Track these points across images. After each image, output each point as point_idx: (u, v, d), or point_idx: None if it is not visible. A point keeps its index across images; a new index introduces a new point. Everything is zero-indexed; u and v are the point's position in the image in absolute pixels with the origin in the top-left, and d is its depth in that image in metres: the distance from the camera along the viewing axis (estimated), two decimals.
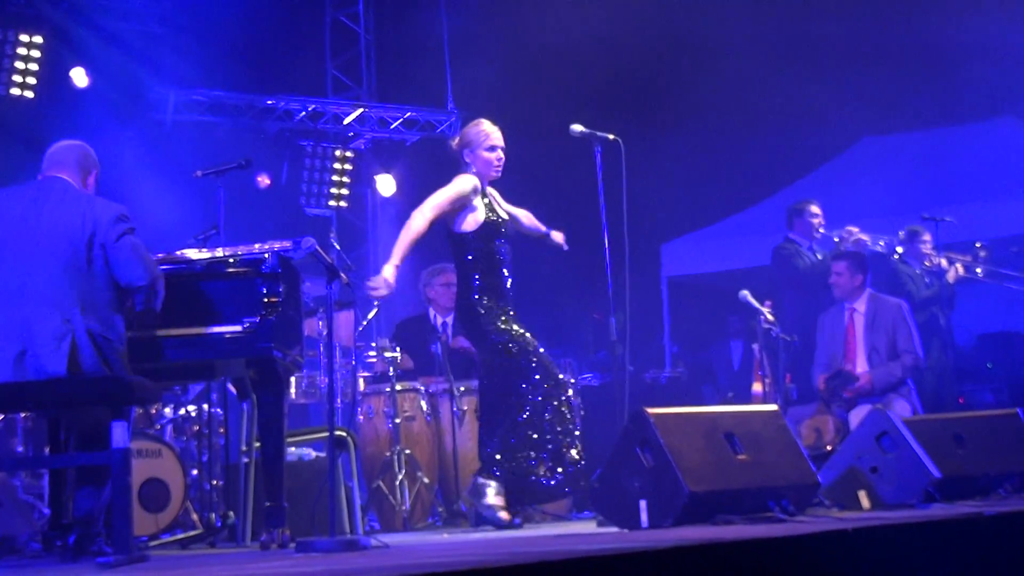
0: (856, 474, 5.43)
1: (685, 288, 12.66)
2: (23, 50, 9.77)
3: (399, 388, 7.25)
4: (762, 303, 8.05)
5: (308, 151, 11.33)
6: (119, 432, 4.26)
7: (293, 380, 7.46)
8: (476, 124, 6.32)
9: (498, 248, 6.17)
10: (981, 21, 10.79)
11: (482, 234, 6.14)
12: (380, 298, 6.07)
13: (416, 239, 6.08)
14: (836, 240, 8.44)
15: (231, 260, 5.01)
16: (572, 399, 6.13)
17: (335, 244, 7.70)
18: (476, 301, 6.10)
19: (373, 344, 7.83)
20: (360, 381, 7.57)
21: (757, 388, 8.16)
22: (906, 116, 12.25)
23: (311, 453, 7.05)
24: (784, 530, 3.89)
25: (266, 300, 4.90)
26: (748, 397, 8.29)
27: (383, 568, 3.29)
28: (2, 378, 4.44)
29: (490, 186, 6.32)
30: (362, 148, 12.06)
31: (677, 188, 12.33)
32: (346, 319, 7.42)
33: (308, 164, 11.29)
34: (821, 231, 8.66)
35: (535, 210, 6.66)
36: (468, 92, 11.78)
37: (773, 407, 5.70)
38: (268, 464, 5.05)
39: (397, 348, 7.29)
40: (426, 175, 10.12)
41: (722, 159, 12.69)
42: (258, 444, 5.20)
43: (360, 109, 11.89)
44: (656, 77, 12.63)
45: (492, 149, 6.26)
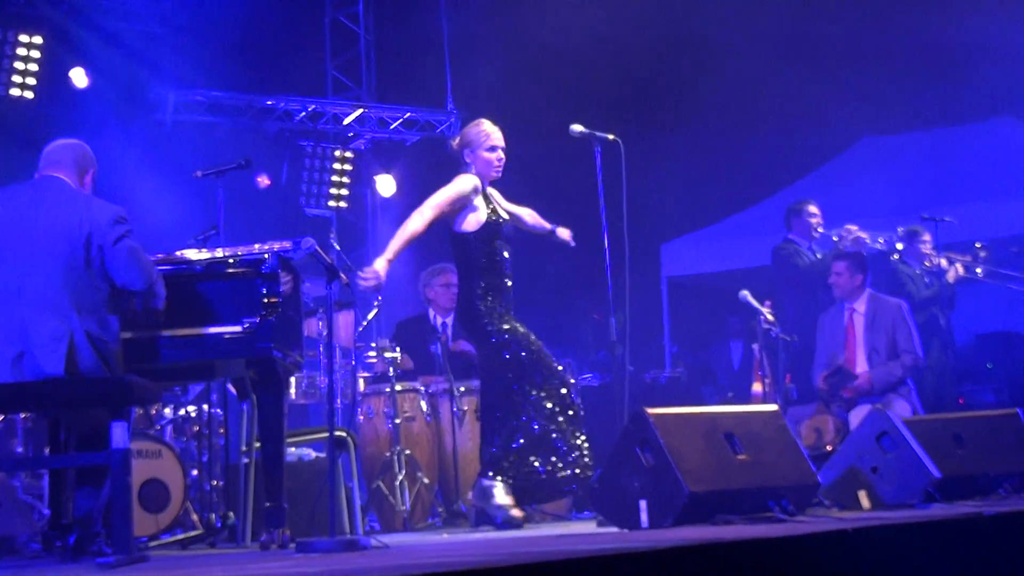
0: (856, 474, 5.43)
1: (685, 288, 12.66)
2: (23, 50, 9.77)
3: (399, 388, 7.25)
4: (762, 303, 8.05)
5: (308, 151, 11.32)
6: (119, 432, 4.26)
7: (293, 380, 7.45)
8: (477, 124, 6.32)
9: (499, 248, 6.17)
10: (981, 21, 10.79)
11: (484, 234, 6.14)
12: (369, 290, 6.06)
13: (412, 238, 6.10)
14: (835, 239, 8.43)
15: (231, 260, 5.01)
16: (574, 397, 6.13)
17: (335, 244, 7.70)
18: (477, 301, 6.10)
19: (373, 344, 7.83)
20: (360, 381, 7.57)
21: (757, 388, 8.15)
22: (906, 116, 12.25)
23: (311, 453, 7.05)
24: (784, 530, 3.89)
25: (266, 300, 4.90)
26: (748, 397, 8.29)
27: (383, 568, 3.29)
28: (0, 379, 4.44)
29: (490, 186, 6.32)
30: (362, 148, 12.05)
31: (677, 188, 12.33)
32: (346, 319, 7.42)
33: (308, 164, 11.28)
34: (820, 231, 8.66)
35: (535, 210, 6.66)
36: (468, 92, 11.78)
37: (773, 407, 5.70)
38: (268, 464, 5.05)
39: (397, 348, 7.29)
40: (426, 175, 10.12)
41: (722, 159, 12.69)
42: (258, 444, 5.20)
43: (360, 109, 11.88)
44: (656, 77, 12.63)
45: (492, 149, 6.26)
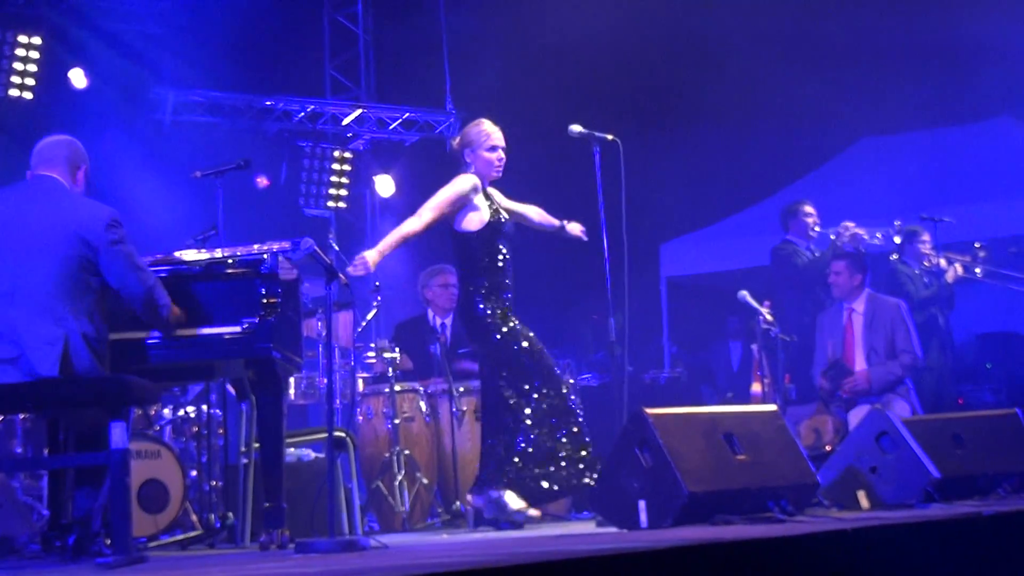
0: (855, 474, 5.43)
1: (684, 288, 12.66)
2: (22, 51, 9.76)
3: (398, 389, 7.24)
4: (761, 303, 8.05)
5: (307, 152, 11.31)
6: (118, 433, 4.26)
7: (292, 381, 7.46)
8: (477, 124, 6.32)
9: (501, 248, 6.17)
10: (981, 21, 10.79)
11: (485, 234, 6.14)
12: (356, 277, 6.06)
13: (407, 237, 6.13)
14: (832, 237, 8.43)
15: (230, 261, 5.00)
16: (574, 398, 6.13)
17: (334, 245, 7.71)
18: (478, 300, 6.09)
19: (372, 345, 7.83)
20: (359, 382, 7.57)
21: (756, 388, 8.15)
22: (905, 116, 12.24)
23: (310, 454, 7.04)
24: (783, 530, 3.89)
25: (265, 301, 4.90)
26: (747, 397, 8.29)
27: (382, 569, 3.29)
28: None
29: (491, 186, 6.32)
30: (361, 149, 12.05)
31: (676, 188, 12.32)
32: (345, 320, 7.42)
33: (307, 165, 11.27)
34: (817, 230, 8.66)
35: None
36: (467, 93, 11.78)
37: (772, 407, 5.70)
38: (267, 465, 5.05)
39: (396, 349, 7.29)
40: (425, 176, 10.12)
41: (721, 159, 12.68)
42: (257, 445, 5.20)
43: (359, 110, 11.88)
44: (655, 77, 12.62)
45: (493, 149, 6.25)
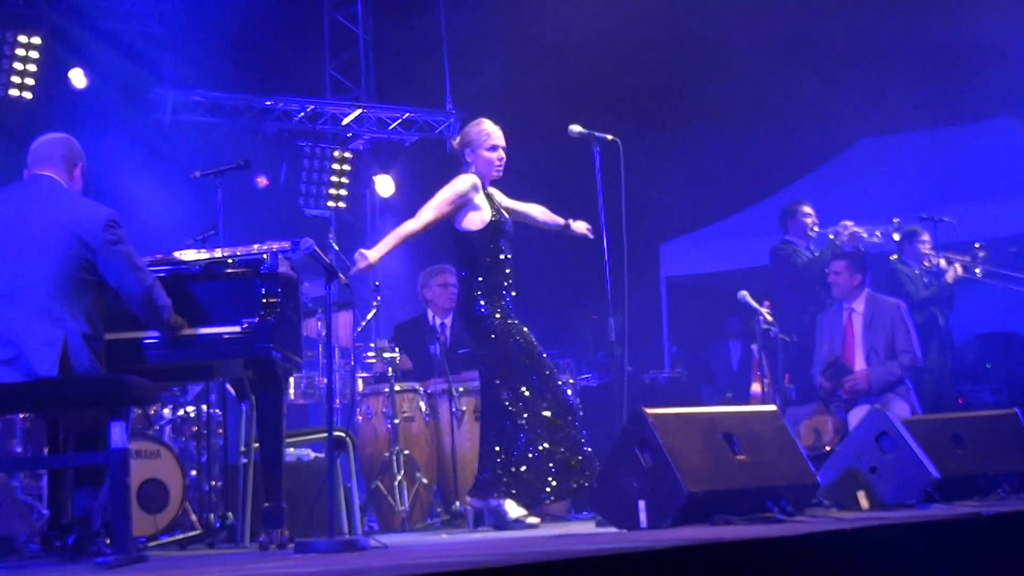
0: (855, 474, 5.43)
1: (684, 288, 12.66)
2: (22, 51, 9.76)
3: (398, 389, 7.24)
4: (761, 303, 8.05)
5: (307, 152, 11.31)
6: (117, 432, 4.26)
7: (292, 381, 7.46)
8: (477, 124, 6.31)
9: (502, 248, 6.17)
10: (981, 21, 10.79)
11: (487, 233, 6.13)
12: (356, 277, 6.06)
13: (406, 237, 6.14)
14: (831, 236, 8.44)
15: (230, 261, 5.00)
16: (572, 400, 6.13)
17: (334, 245, 7.71)
18: (479, 300, 6.09)
19: (372, 345, 7.83)
20: (359, 382, 7.57)
21: (756, 388, 8.15)
22: (905, 116, 12.25)
23: (310, 454, 7.04)
24: (783, 530, 3.89)
25: (265, 301, 4.90)
26: (747, 397, 8.29)
27: (382, 568, 3.29)
28: None
29: (492, 186, 6.32)
30: (361, 149, 12.05)
31: (676, 188, 12.33)
32: (345, 320, 7.42)
33: (307, 165, 11.27)
34: (816, 230, 8.66)
35: None
36: (467, 93, 11.78)
37: (772, 407, 5.70)
38: (267, 465, 5.05)
39: (396, 349, 7.29)
40: (425, 176, 10.12)
41: (721, 159, 12.69)
42: (257, 445, 5.19)
43: (359, 110, 11.88)
44: (655, 77, 12.63)
45: (493, 149, 6.25)
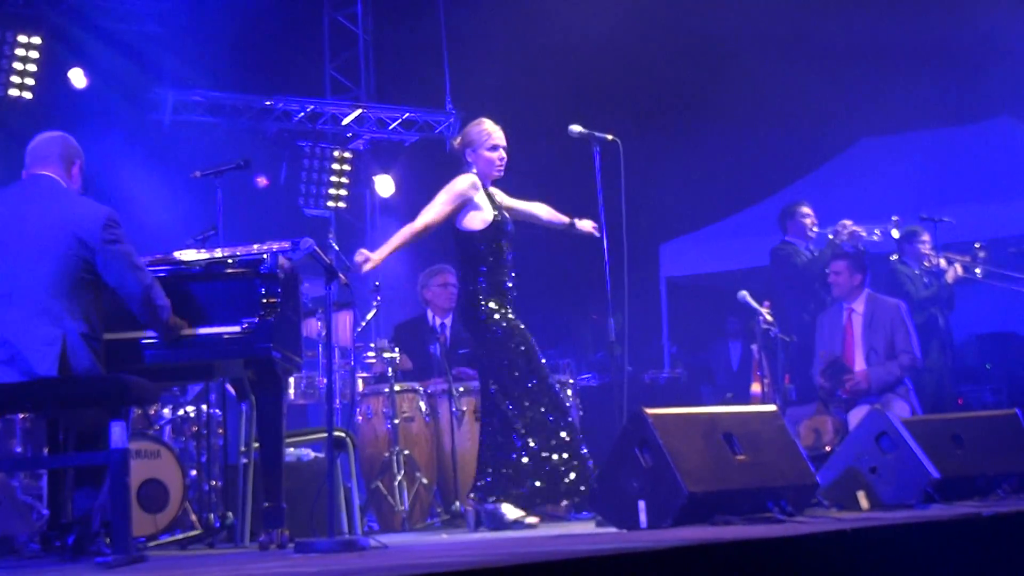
0: (855, 474, 5.43)
1: (684, 288, 12.66)
2: (21, 51, 9.76)
3: (398, 389, 7.24)
4: (761, 303, 8.05)
5: (307, 152, 11.31)
6: (117, 432, 4.26)
7: (292, 381, 7.46)
8: (478, 123, 6.31)
9: (504, 248, 6.16)
10: (981, 21, 10.80)
11: (489, 234, 6.13)
12: (356, 277, 6.06)
13: (409, 240, 6.13)
14: (830, 236, 8.44)
15: (230, 261, 5.00)
16: (570, 403, 6.13)
17: (334, 245, 7.69)
18: (480, 300, 6.09)
19: (372, 345, 7.83)
20: (359, 382, 7.57)
21: (756, 388, 8.15)
22: (905, 116, 12.25)
23: (310, 454, 7.04)
24: (783, 531, 3.89)
25: (265, 301, 4.90)
26: (747, 397, 8.28)
27: (382, 568, 3.29)
28: None
29: (493, 185, 6.31)
30: (360, 149, 12.05)
31: (676, 188, 12.33)
32: (345, 320, 7.42)
33: (307, 165, 11.27)
34: (815, 230, 8.67)
35: None
36: (466, 93, 11.78)
37: (772, 407, 5.69)
38: (267, 465, 5.05)
39: (396, 349, 7.29)
40: (425, 176, 10.12)
41: (721, 159, 12.69)
42: (257, 445, 5.20)
43: (358, 110, 11.88)
44: (655, 77, 12.62)
45: (494, 148, 6.25)
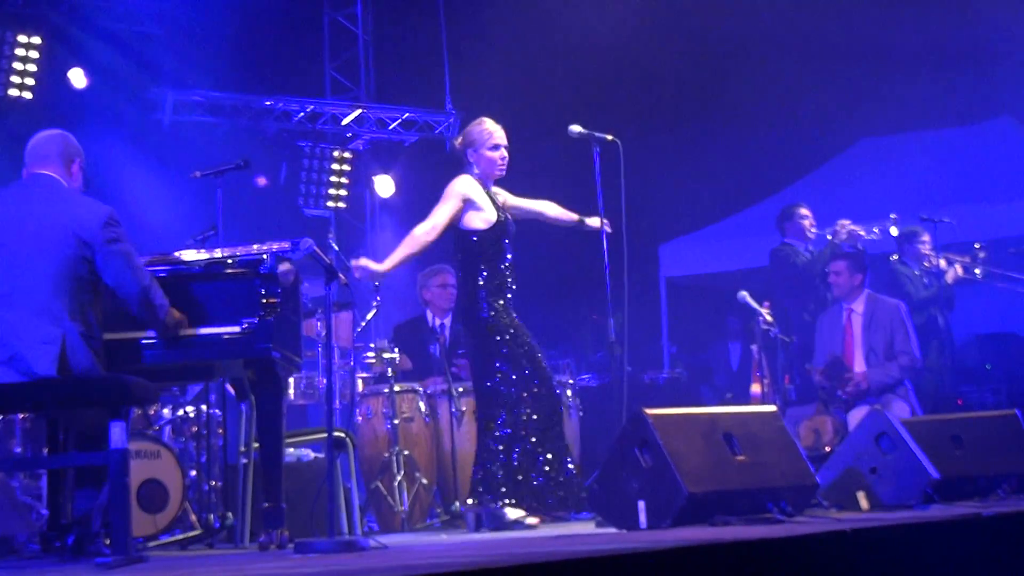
0: (855, 475, 5.43)
1: (683, 289, 12.66)
2: (21, 51, 9.75)
3: (397, 389, 7.24)
4: (760, 304, 8.05)
5: (306, 152, 11.30)
6: (117, 433, 4.26)
7: (292, 381, 7.45)
8: (479, 123, 6.30)
9: (506, 248, 6.17)
10: (981, 21, 10.80)
11: (491, 234, 6.13)
12: (354, 269, 6.05)
13: (416, 253, 6.15)
14: (829, 236, 8.44)
15: (229, 261, 5.00)
16: (570, 405, 6.13)
17: (334, 245, 7.71)
18: (481, 300, 6.08)
19: (372, 345, 7.83)
20: (359, 382, 7.57)
21: (756, 389, 8.15)
22: (905, 116, 12.25)
23: (310, 454, 7.04)
24: (782, 531, 3.89)
25: (264, 301, 4.90)
26: (747, 398, 8.29)
27: (381, 569, 3.29)
28: None
29: (495, 185, 6.31)
30: (360, 149, 12.04)
31: (676, 189, 12.33)
32: (345, 320, 7.42)
33: (306, 165, 11.26)
34: (814, 231, 8.67)
35: None
36: (466, 93, 11.78)
37: (772, 408, 5.69)
38: (266, 465, 5.05)
39: (395, 349, 7.29)
40: (424, 176, 10.12)
41: (721, 159, 12.69)
42: (256, 445, 5.20)
43: (358, 110, 11.88)
44: (656, 77, 12.62)
45: (495, 148, 6.24)
